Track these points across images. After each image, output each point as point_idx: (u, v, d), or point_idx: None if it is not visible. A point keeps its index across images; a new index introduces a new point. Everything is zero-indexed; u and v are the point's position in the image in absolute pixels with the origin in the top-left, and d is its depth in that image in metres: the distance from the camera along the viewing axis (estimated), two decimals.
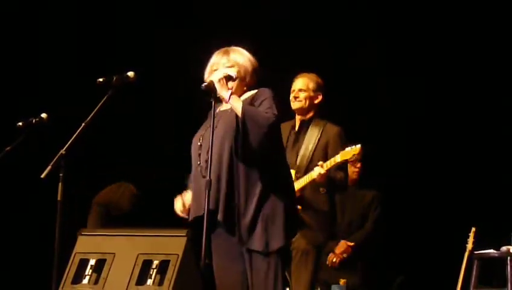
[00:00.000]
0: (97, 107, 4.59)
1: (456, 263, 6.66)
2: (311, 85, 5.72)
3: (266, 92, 4.31)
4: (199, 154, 4.32)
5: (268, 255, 4.22)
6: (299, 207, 5.39)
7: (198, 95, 4.27)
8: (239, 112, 4.16)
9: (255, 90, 4.38)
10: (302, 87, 5.75)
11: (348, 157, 5.51)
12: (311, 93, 5.73)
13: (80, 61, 7.53)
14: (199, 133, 4.42)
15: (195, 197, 4.33)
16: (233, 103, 4.20)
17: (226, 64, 4.35)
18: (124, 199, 5.79)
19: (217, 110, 4.37)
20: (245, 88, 4.40)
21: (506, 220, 6.72)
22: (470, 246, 6.70)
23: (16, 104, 7.05)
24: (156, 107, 7.71)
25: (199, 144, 4.34)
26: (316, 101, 5.74)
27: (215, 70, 4.35)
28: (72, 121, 4.69)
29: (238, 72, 4.34)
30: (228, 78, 4.27)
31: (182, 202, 4.45)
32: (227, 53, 4.39)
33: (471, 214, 7.01)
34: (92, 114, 4.57)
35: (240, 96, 4.33)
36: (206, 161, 4.18)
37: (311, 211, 5.55)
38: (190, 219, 4.34)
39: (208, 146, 4.17)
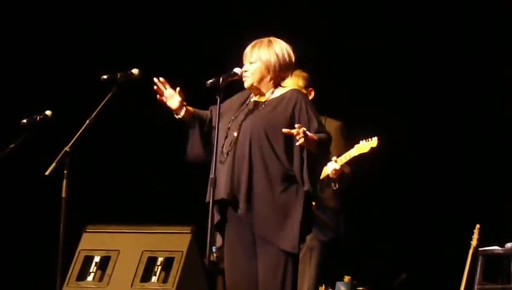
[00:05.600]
0: (101, 104, 4.59)
1: (460, 259, 6.66)
2: (301, 83, 5.57)
3: (303, 97, 4.42)
4: (225, 139, 4.35)
5: (288, 254, 4.24)
6: (313, 203, 5.38)
7: (203, 91, 4.29)
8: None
9: (287, 89, 4.45)
10: (293, 87, 5.64)
11: (365, 150, 5.42)
12: (304, 91, 5.33)
13: (84, 58, 7.52)
14: (228, 116, 4.43)
15: (210, 180, 4.31)
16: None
17: (250, 60, 4.41)
18: None
19: (251, 100, 4.46)
20: (272, 82, 4.43)
21: (510, 216, 6.71)
22: (474, 242, 6.69)
23: (20, 102, 7.05)
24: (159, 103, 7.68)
25: (227, 128, 4.37)
26: (310, 98, 5.57)
27: (244, 64, 4.43)
28: (76, 118, 4.69)
29: (259, 68, 4.39)
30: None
31: (171, 94, 4.43)
32: (253, 48, 4.43)
33: (476, 211, 7.00)
34: (96, 111, 4.57)
35: (267, 90, 4.42)
36: (228, 152, 4.29)
37: (318, 207, 5.50)
38: (207, 200, 4.32)
39: (232, 137, 4.30)
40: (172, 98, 4.43)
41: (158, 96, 4.42)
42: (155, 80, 4.42)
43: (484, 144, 7.35)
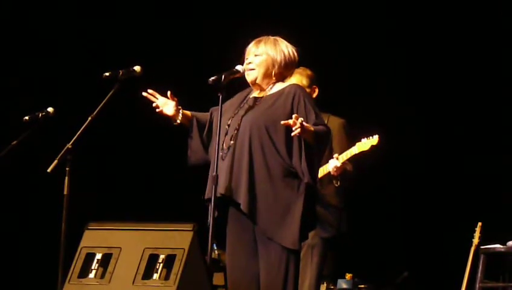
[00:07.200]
0: (103, 101, 4.59)
1: (462, 257, 6.65)
2: (305, 81, 5.56)
3: (301, 91, 4.41)
4: (225, 135, 4.35)
5: (289, 251, 4.25)
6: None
7: (205, 89, 4.29)
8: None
9: (286, 84, 4.45)
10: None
11: (366, 148, 5.44)
12: (308, 90, 5.34)
13: (86, 55, 7.53)
14: (228, 115, 4.42)
15: (212, 178, 4.30)
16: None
17: (255, 53, 4.42)
18: None
19: (250, 96, 4.47)
20: (273, 78, 4.44)
21: None
22: (476, 241, 6.68)
23: (22, 98, 7.05)
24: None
25: (227, 126, 4.38)
26: (314, 96, 5.58)
27: (246, 58, 4.44)
28: (78, 115, 4.69)
29: (265, 61, 4.40)
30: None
31: (165, 102, 4.45)
32: (259, 42, 4.45)
33: (478, 209, 7.00)
34: (98, 108, 4.57)
35: (267, 86, 4.43)
36: (228, 147, 4.29)
37: (320, 204, 5.50)
38: (206, 197, 4.34)
39: (232, 133, 4.30)
40: (166, 105, 4.46)
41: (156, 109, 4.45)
42: (144, 94, 4.45)
43: (486, 142, 7.35)
